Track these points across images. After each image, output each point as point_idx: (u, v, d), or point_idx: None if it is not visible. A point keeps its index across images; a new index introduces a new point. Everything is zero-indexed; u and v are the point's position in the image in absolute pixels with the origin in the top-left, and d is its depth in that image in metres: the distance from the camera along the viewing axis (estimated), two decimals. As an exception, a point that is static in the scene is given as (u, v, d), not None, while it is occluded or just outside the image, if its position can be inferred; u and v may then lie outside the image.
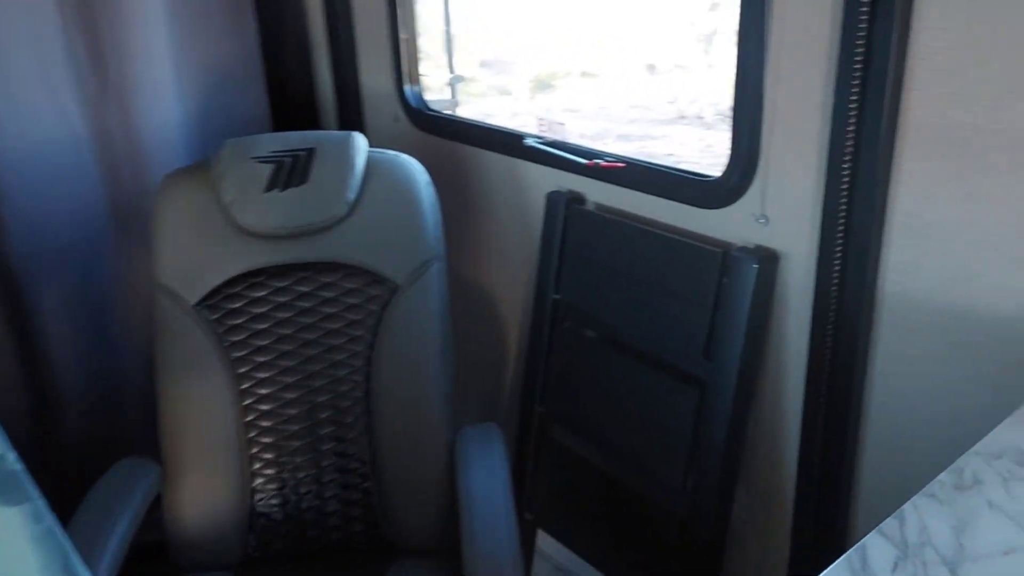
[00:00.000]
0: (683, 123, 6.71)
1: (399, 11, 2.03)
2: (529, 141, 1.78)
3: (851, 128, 1.27)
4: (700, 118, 6.67)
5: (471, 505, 1.42)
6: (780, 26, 1.33)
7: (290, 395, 1.59)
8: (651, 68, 7.58)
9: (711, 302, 1.51)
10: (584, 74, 8.29)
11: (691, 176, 1.55)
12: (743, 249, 1.47)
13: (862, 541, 0.79)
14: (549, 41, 8.12)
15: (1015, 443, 0.91)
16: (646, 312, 1.62)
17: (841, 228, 1.33)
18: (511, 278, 1.97)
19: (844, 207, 1.31)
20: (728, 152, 1.47)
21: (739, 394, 1.50)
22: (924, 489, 0.85)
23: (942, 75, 1.18)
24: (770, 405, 1.54)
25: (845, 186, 1.30)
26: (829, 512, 1.47)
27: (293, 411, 1.59)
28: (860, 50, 1.22)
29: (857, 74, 1.23)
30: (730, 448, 1.53)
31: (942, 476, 0.86)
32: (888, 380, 1.36)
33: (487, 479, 1.49)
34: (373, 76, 2.15)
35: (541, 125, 1.76)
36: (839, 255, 1.34)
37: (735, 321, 1.48)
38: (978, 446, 0.91)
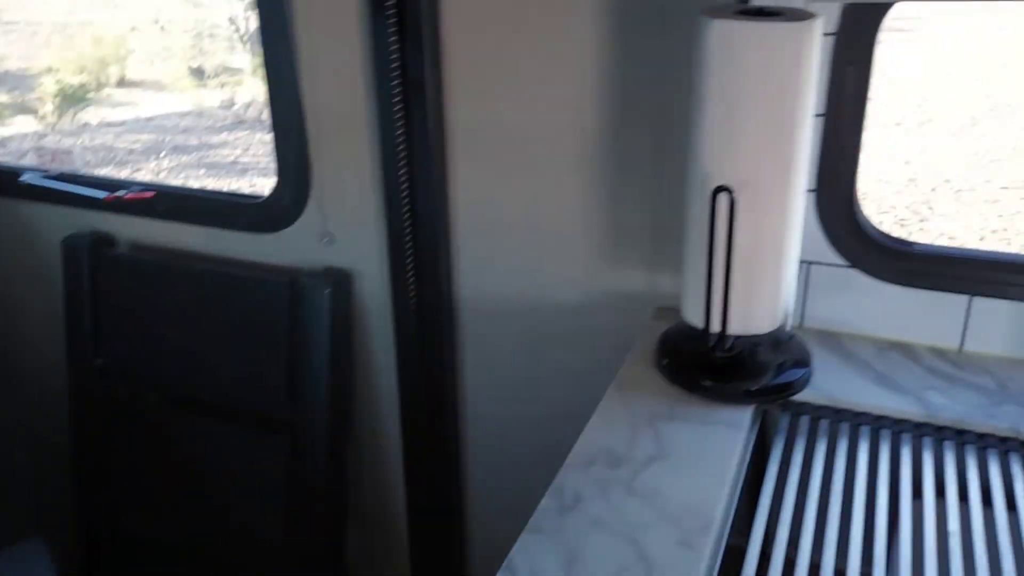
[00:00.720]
0: (244, 128, 6.38)
1: None
2: (28, 177, 1.42)
3: (400, 134, 1.18)
4: (261, 121, 6.40)
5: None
6: (308, 35, 1.20)
7: None
8: (199, 72, 7.09)
9: (286, 336, 1.34)
10: (124, 82, 7.48)
11: (238, 199, 1.36)
12: (312, 274, 1.32)
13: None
14: (75, 48, 7.17)
15: (604, 444, 0.89)
16: (214, 361, 1.39)
17: (409, 238, 1.25)
18: (38, 349, 1.59)
19: (408, 216, 1.23)
20: (275, 169, 1.31)
21: (334, 429, 1.36)
22: (530, 523, 0.78)
23: (474, 72, 1.15)
24: (370, 434, 1.42)
25: (405, 194, 1.22)
26: (445, 535, 1.40)
27: None
28: (394, 51, 1.13)
29: (395, 75, 1.15)
30: (333, 488, 1.39)
31: (545, 501, 0.81)
32: (479, 387, 1.33)
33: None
34: None
35: (41, 156, 1.40)
36: (411, 266, 1.26)
37: (316, 352, 1.33)
38: (571, 456, 0.88)
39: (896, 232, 4.26)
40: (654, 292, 1.17)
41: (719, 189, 0.88)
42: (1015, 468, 0.88)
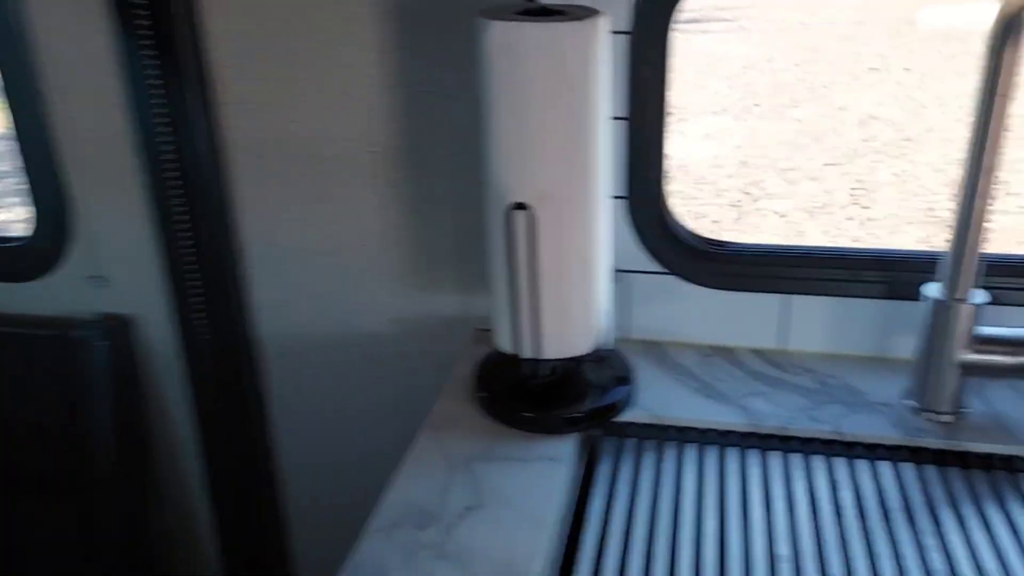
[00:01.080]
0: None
1: None
2: None
3: (169, 160, 1.04)
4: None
5: None
6: (51, 53, 1.03)
7: None
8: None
9: (60, 396, 1.16)
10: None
11: (-13, 243, 1.17)
12: (85, 323, 1.16)
13: None
14: None
15: (414, 499, 0.79)
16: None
17: (194, 275, 1.10)
18: None
19: (190, 250, 1.09)
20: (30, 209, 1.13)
21: (127, 494, 1.20)
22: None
23: (248, 86, 1.02)
24: (175, 495, 1.27)
25: (184, 226, 1.08)
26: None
27: None
28: (150, 66, 0.99)
29: (155, 95, 1.00)
30: (135, 559, 1.23)
31: (342, 582, 0.70)
32: (291, 434, 1.20)
33: None
34: None
35: None
36: (200, 306, 1.12)
37: (97, 410, 1.16)
38: (375, 519, 0.77)
39: (732, 214, 4.42)
40: (470, 314, 1.08)
41: (515, 206, 0.80)
42: (839, 473, 0.85)
